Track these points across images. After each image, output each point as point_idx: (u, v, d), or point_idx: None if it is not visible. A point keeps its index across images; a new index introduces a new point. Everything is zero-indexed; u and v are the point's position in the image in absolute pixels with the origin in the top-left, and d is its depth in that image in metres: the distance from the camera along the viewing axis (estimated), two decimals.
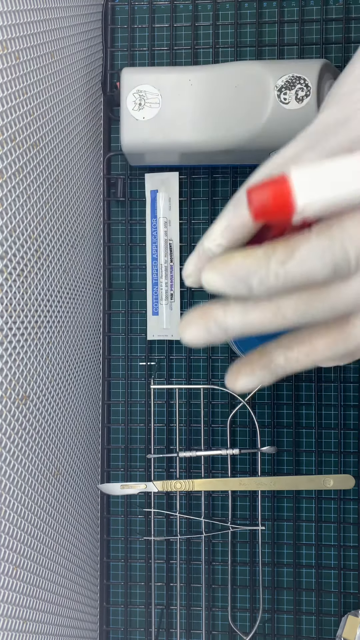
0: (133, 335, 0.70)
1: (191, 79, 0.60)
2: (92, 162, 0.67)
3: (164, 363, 0.69)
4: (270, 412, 0.68)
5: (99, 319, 0.70)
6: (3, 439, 0.46)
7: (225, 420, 0.67)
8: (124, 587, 0.69)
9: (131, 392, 0.70)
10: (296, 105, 0.58)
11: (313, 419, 0.67)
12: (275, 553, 0.67)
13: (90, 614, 0.66)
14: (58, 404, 0.57)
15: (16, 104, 0.48)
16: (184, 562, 0.68)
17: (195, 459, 0.68)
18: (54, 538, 0.56)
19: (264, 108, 0.58)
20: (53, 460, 0.56)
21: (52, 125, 0.55)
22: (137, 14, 0.69)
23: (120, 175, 0.69)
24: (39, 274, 0.53)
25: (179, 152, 0.62)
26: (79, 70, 0.62)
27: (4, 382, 0.46)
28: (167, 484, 0.65)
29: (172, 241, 0.68)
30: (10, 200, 0.47)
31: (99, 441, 0.69)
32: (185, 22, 0.68)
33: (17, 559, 0.48)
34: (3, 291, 0.46)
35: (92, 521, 0.67)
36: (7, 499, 0.47)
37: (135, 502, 0.69)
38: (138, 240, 0.70)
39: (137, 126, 0.61)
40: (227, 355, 0.68)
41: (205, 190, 0.68)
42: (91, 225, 0.67)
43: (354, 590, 0.66)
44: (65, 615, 0.58)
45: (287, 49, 0.67)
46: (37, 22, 0.51)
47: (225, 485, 0.66)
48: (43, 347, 0.54)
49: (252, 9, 0.67)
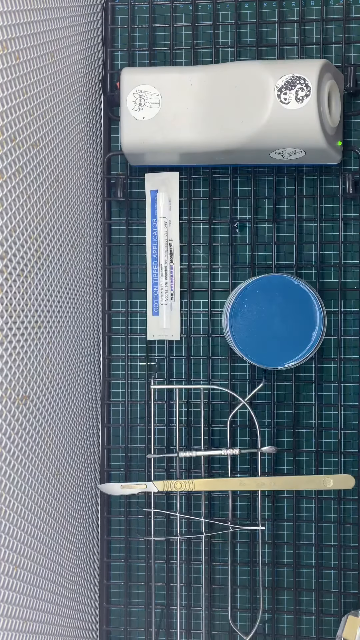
0: (133, 335, 0.70)
1: (191, 79, 0.60)
2: (92, 162, 0.67)
3: (164, 363, 0.69)
4: (270, 412, 0.68)
5: (99, 319, 0.70)
6: (3, 439, 0.46)
7: (225, 420, 0.67)
8: (124, 587, 0.69)
9: (131, 392, 0.70)
10: (296, 105, 0.58)
11: (313, 419, 0.67)
12: (275, 553, 0.67)
13: (90, 614, 0.66)
14: (58, 404, 0.57)
15: (16, 104, 0.48)
16: (184, 562, 0.68)
17: (196, 459, 0.68)
18: (54, 538, 0.56)
19: (264, 108, 0.58)
20: (53, 460, 0.56)
21: (52, 125, 0.55)
22: (137, 14, 0.69)
23: (120, 175, 0.69)
24: (39, 274, 0.53)
25: (179, 152, 0.62)
26: (79, 71, 0.62)
27: (4, 382, 0.46)
28: (167, 484, 0.65)
29: (172, 241, 0.68)
30: (10, 200, 0.47)
31: (99, 441, 0.69)
32: (185, 22, 0.68)
33: (17, 559, 0.48)
34: (3, 291, 0.46)
35: (92, 521, 0.67)
36: (7, 499, 0.47)
37: (135, 502, 0.69)
38: (138, 240, 0.70)
39: (137, 126, 0.61)
40: (227, 355, 0.68)
41: (205, 190, 0.68)
42: (91, 225, 0.67)
43: (354, 590, 0.66)
44: (65, 615, 0.58)
45: (287, 49, 0.67)
46: (37, 22, 0.51)
47: (225, 485, 0.66)
48: (43, 347, 0.54)
49: (252, 9, 0.67)
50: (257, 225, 0.68)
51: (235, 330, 0.61)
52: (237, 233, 0.68)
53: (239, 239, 0.68)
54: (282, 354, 0.61)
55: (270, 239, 0.68)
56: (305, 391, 0.67)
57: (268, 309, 0.60)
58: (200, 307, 0.69)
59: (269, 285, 0.60)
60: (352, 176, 0.65)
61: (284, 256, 0.68)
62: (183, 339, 0.69)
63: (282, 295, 0.60)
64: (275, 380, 0.67)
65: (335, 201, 0.67)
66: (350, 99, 0.66)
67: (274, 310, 0.60)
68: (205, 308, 0.69)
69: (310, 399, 0.67)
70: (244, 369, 0.68)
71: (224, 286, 0.68)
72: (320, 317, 0.60)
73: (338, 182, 0.67)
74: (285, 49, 0.67)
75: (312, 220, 0.67)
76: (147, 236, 0.68)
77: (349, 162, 0.67)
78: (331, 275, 0.67)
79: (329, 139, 0.60)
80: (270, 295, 0.60)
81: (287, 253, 0.68)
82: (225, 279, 0.68)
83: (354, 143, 0.66)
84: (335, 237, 0.67)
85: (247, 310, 0.60)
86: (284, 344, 0.60)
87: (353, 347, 0.67)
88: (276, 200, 0.67)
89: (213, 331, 0.68)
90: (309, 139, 0.59)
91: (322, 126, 0.58)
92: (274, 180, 0.67)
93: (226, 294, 0.68)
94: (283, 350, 0.60)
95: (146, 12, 0.69)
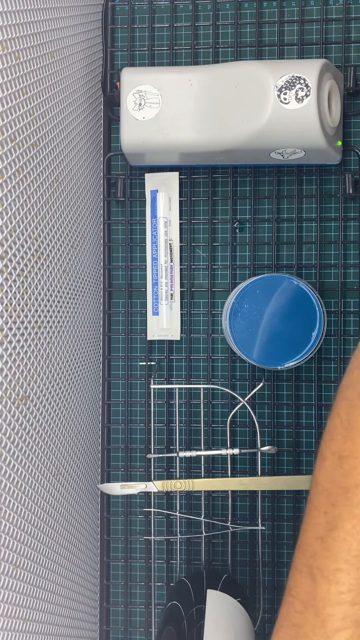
0: (133, 335, 0.70)
1: (191, 79, 0.60)
2: (92, 162, 0.67)
3: (164, 363, 0.69)
4: (270, 412, 0.68)
5: (99, 319, 0.70)
6: (3, 439, 0.46)
7: (225, 420, 0.67)
8: (124, 587, 0.70)
9: (131, 392, 0.70)
10: (296, 105, 0.58)
11: (313, 419, 0.67)
12: (275, 553, 0.67)
13: (90, 614, 0.66)
14: (58, 404, 0.57)
15: (16, 104, 0.48)
16: (184, 562, 0.68)
17: (195, 459, 0.68)
18: (54, 538, 0.56)
19: (264, 108, 0.58)
20: (53, 460, 0.56)
21: (52, 125, 0.55)
22: (137, 14, 0.69)
23: (120, 175, 0.69)
24: (39, 274, 0.53)
25: (179, 152, 0.62)
26: (79, 71, 0.62)
27: (4, 382, 0.46)
28: (167, 483, 0.65)
29: (172, 241, 0.68)
30: (10, 200, 0.47)
31: (99, 441, 0.69)
32: (185, 22, 0.68)
33: (17, 559, 0.48)
34: (3, 291, 0.46)
35: (92, 521, 0.67)
36: (7, 499, 0.47)
37: (136, 502, 0.69)
38: (138, 240, 0.70)
39: (137, 126, 0.61)
40: (227, 355, 0.68)
41: (205, 190, 0.68)
42: (91, 225, 0.67)
43: None
44: (65, 615, 0.58)
45: (287, 49, 0.67)
46: (37, 22, 0.51)
47: (225, 485, 0.66)
48: (43, 347, 0.54)
49: (252, 9, 0.67)
50: (257, 225, 0.68)
51: (235, 330, 0.61)
52: (237, 233, 0.68)
53: (239, 239, 0.68)
54: (282, 354, 0.61)
55: (270, 239, 0.68)
56: (305, 391, 0.67)
57: (268, 309, 0.60)
58: (200, 307, 0.69)
59: (269, 285, 0.60)
60: (352, 176, 0.65)
61: (284, 256, 0.68)
62: (183, 339, 0.69)
63: (282, 295, 0.60)
64: (275, 380, 0.67)
65: (335, 201, 0.67)
66: (350, 99, 0.66)
67: (274, 310, 0.60)
68: (205, 308, 0.69)
69: (310, 399, 0.67)
70: (244, 369, 0.68)
71: (224, 286, 0.68)
72: (320, 317, 0.60)
73: (338, 182, 0.67)
74: (285, 49, 0.67)
75: (312, 220, 0.67)
76: (147, 236, 0.68)
77: (349, 162, 0.67)
78: (331, 275, 0.67)
79: (329, 139, 0.60)
80: (270, 295, 0.60)
81: (287, 253, 0.68)
82: (225, 279, 0.68)
83: (354, 143, 0.66)
84: (335, 237, 0.67)
85: (247, 310, 0.60)
86: (283, 344, 0.60)
87: (353, 347, 0.67)
88: (276, 200, 0.68)
89: (213, 331, 0.68)
90: (309, 139, 0.59)
91: (322, 126, 0.58)
92: (274, 180, 0.67)
93: (226, 294, 0.68)
94: (283, 350, 0.60)
95: (146, 12, 0.69)
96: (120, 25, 0.69)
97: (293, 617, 0.40)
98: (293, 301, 0.60)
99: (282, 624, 0.41)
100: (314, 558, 0.39)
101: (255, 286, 0.61)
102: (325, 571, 0.38)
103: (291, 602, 0.40)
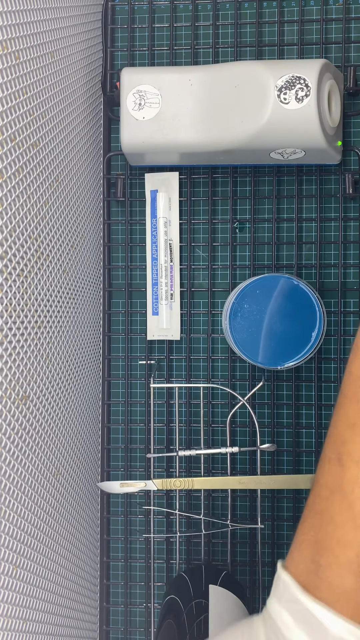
0: (133, 335, 0.70)
1: (191, 79, 0.60)
2: (92, 162, 0.67)
3: (164, 363, 0.69)
4: (270, 412, 0.68)
5: (99, 319, 0.70)
6: (3, 439, 0.46)
7: (225, 420, 0.67)
8: (124, 587, 0.70)
9: (131, 392, 0.70)
10: (296, 105, 0.58)
11: (313, 418, 0.67)
12: (275, 553, 0.67)
13: (90, 614, 0.66)
14: (58, 404, 0.57)
15: (16, 104, 0.48)
16: (183, 562, 0.68)
17: (195, 458, 0.68)
18: (54, 538, 0.56)
19: (264, 108, 0.58)
20: (53, 460, 0.56)
21: (52, 125, 0.55)
22: (137, 14, 0.69)
23: (120, 175, 0.69)
24: (39, 274, 0.53)
25: (178, 152, 0.62)
26: (79, 70, 0.62)
27: (4, 382, 0.46)
28: (166, 482, 0.65)
29: (172, 241, 0.68)
30: (10, 200, 0.47)
31: (98, 441, 0.69)
32: (185, 22, 0.68)
33: (17, 559, 0.48)
34: (3, 291, 0.46)
35: (92, 521, 0.67)
36: (7, 499, 0.47)
37: (135, 502, 0.69)
38: (138, 240, 0.70)
39: (137, 126, 0.61)
40: (227, 355, 0.68)
41: (205, 190, 0.68)
42: (91, 225, 0.67)
43: None
44: (65, 615, 0.58)
45: (287, 49, 0.67)
46: (37, 22, 0.51)
47: (224, 484, 0.66)
48: (43, 347, 0.54)
49: (252, 9, 0.67)
50: (257, 225, 0.68)
51: (235, 330, 0.61)
52: (237, 233, 0.68)
53: (239, 239, 0.68)
54: (282, 354, 0.61)
55: (270, 239, 0.68)
56: (305, 391, 0.67)
57: (268, 309, 0.60)
58: (200, 307, 0.69)
59: (269, 285, 0.60)
60: (352, 176, 0.65)
61: (284, 256, 0.68)
62: (183, 339, 0.69)
63: (282, 295, 0.60)
64: (275, 380, 0.67)
65: (335, 201, 0.67)
66: (350, 99, 0.66)
67: (274, 310, 0.60)
68: (205, 308, 0.69)
69: (310, 399, 0.67)
70: (244, 369, 0.68)
71: (224, 286, 0.68)
72: (320, 317, 0.60)
73: (338, 182, 0.67)
74: (285, 49, 0.67)
75: (312, 220, 0.67)
76: (147, 236, 0.68)
77: (349, 162, 0.67)
78: (331, 275, 0.67)
79: (328, 139, 0.60)
80: (270, 295, 0.60)
81: (287, 253, 0.68)
82: (225, 279, 0.68)
83: (354, 143, 0.66)
84: (335, 237, 0.67)
85: (247, 310, 0.60)
86: (284, 344, 0.60)
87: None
88: (276, 200, 0.68)
89: (213, 331, 0.68)
90: (308, 138, 0.59)
91: (322, 126, 0.58)
92: (273, 180, 0.67)
93: (226, 294, 0.68)
94: (283, 350, 0.60)
95: (146, 12, 0.69)
96: (120, 25, 0.69)
97: (318, 505, 0.39)
98: (293, 301, 0.60)
99: (307, 515, 0.40)
100: (344, 445, 0.39)
101: (255, 286, 0.61)
102: (356, 455, 0.38)
103: (317, 492, 0.39)
